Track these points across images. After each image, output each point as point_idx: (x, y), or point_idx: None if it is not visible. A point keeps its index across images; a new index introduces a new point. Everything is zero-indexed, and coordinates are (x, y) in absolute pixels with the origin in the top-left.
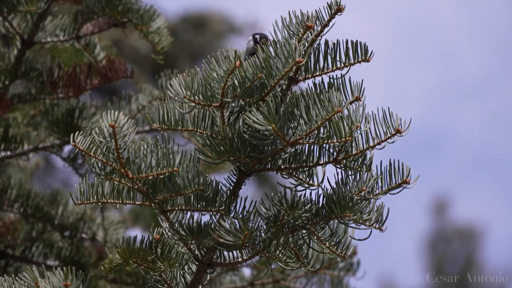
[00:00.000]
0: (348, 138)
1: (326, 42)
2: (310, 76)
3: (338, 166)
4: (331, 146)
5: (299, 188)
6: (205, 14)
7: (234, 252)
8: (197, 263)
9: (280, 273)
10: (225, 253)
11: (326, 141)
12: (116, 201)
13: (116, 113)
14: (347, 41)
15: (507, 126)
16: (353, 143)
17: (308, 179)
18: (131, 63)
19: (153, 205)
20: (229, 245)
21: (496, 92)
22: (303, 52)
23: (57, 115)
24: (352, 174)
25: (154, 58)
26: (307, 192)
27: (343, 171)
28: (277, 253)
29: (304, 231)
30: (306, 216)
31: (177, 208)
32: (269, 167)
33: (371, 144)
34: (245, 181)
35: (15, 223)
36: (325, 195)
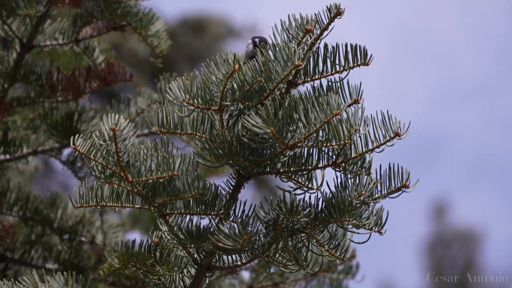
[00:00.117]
0: (347, 141)
1: (326, 46)
2: (309, 79)
3: (337, 169)
4: (330, 150)
5: (298, 192)
6: (204, 17)
7: (233, 255)
8: (196, 266)
9: (279, 276)
10: (224, 256)
11: (325, 144)
12: (115, 205)
13: (117, 116)
14: (346, 45)
15: (506, 129)
16: (352, 146)
17: (307, 182)
18: (130, 66)
19: (152, 208)
20: (228, 249)
21: (495, 95)
22: (302, 55)
23: (56, 118)
24: (351, 178)
25: (153, 62)
26: (306, 196)
27: (342, 175)
28: (276, 257)
29: (303, 234)
30: (305, 220)
31: (176, 211)
32: (268, 170)
33: (370, 147)
34: (244, 185)
35: (14, 226)
36: (324, 199)
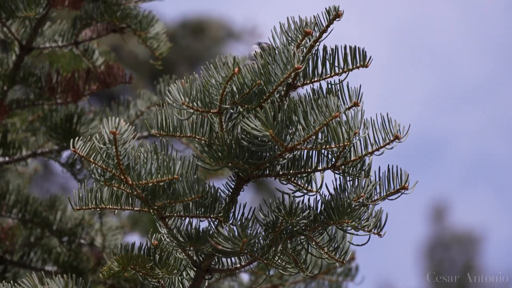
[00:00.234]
0: (346, 143)
1: (325, 48)
2: (308, 82)
3: (336, 172)
4: (330, 152)
5: (298, 194)
6: (204, 19)
7: (233, 258)
8: (195, 269)
9: (279, 278)
10: (223, 259)
11: (324, 147)
12: (115, 207)
13: (117, 119)
14: (345, 47)
15: (505, 132)
16: (352, 149)
17: (306, 185)
18: (129, 68)
19: (151, 211)
20: (228, 251)
21: (495, 97)
22: (301, 58)
23: (56, 120)
24: (351, 180)
25: (153, 64)
26: (306, 198)
27: (341, 177)
28: (276, 259)
29: (302, 237)
30: (304, 222)
31: (175, 214)
32: (267, 173)
33: (370, 150)
34: (244, 187)
35: (14, 228)
36: (323, 201)
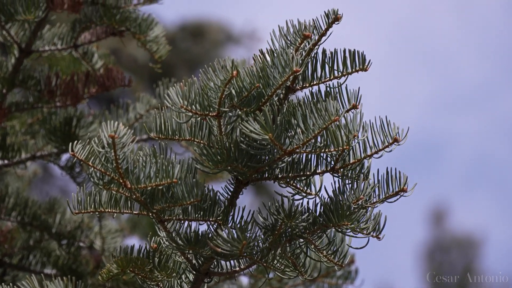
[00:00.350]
0: (345, 147)
1: (324, 51)
2: (307, 85)
3: (335, 175)
4: (329, 155)
5: (297, 197)
6: (203, 23)
7: (232, 261)
8: (194, 272)
9: (278, 281)
10: (223, 262)
11: (323, 150)
12: (114, 211)
13: (116, 123)
14: (344, 50)
15: (505, 134)
16: (351, 152)
17: (305, 188)
18: (129, 72)
19: (150, 214)
20: (227, 255)
21: (494, 100)
22: (300, 61)
23: (55, 123)
24: (350, 183)
25: (152, 67)
26: (305, 201)
27: (340, 180)
28: (275, 263)
29: (301, 240)
30: (303, 225)
31: (174, 217)
32: (266, 176)
33: (369, 153)
34: (243, 190)
35: (13, 231)
36: (322, 204)
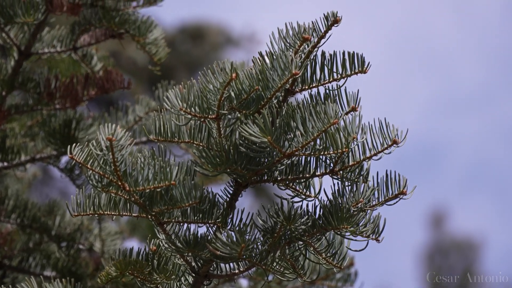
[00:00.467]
0: (344, 149)
1: (323, 54)
2: (306, 87)
3: (335, 177)
4: (328, 158)
5: (296, 200)
6: (203, 25)
7: (231, 263)
8: (193, 274)
9: (277, 284)
10: (222, 264)
11: (322, 153)
12: (113, 213)
13: (114, 126)
14: (343, 53)
15: (504, 138)
16: (350, 154)
17: (305, 190)
18: (128, 74)
19: (149, 217)
20: (226, 257)
21: (492, 103)
22: (299, 64)
23: (54, 126)
24: (349, 185)
25: (152, 69)
26: (304, 204)
27: (340, 182)
28: (274, 265)
29: (300, 242)
30: (302, 228)
31: (173, 220)
32: (265, 178)
33: (368, 155)
34: (242, 193)
35: (12, 233)
36: (322, 207)
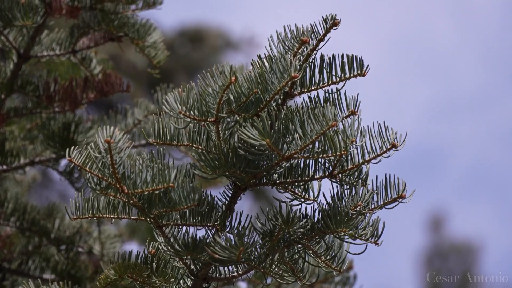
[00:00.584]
0: (343, 152)
1: (322, 57)
2: (305, 90)
3: (333, 180)
4: (327, 161)
5: (295, 203)
6: (202, 28)
7: (230, 266)
8: (192, 277)
9: (276, 287)
10: (221, 267)
11: (321, 156)
12: (112, 216)
13: (112, 128)
14: (342, 55)
15: (503, 141)
16: (349, 157)
17: (303, 193)
18: (127, 77)
19: (148, 219)
20: (225, 260)
21: (492, 106)
22: (298, 67)
23: (53, 129)
24: (348, 189)
25: (151, 73)
26: (303, 207)
27: (338, 186)
28: (273, 268)
29: (299, 245)
30: (301, 231)
31: (172, 223)
32: (264, 181)
33: (367, 158)
34: (241, 196)
35: (12, 237)
36: (320, 210)
